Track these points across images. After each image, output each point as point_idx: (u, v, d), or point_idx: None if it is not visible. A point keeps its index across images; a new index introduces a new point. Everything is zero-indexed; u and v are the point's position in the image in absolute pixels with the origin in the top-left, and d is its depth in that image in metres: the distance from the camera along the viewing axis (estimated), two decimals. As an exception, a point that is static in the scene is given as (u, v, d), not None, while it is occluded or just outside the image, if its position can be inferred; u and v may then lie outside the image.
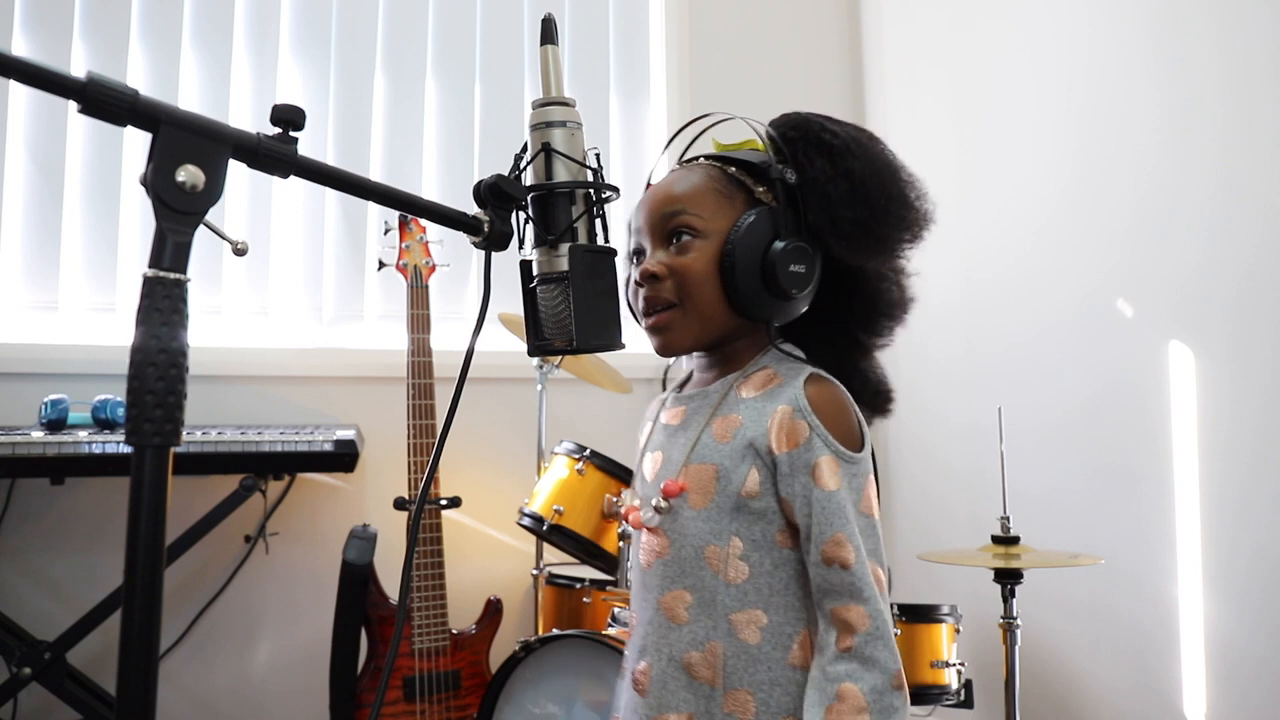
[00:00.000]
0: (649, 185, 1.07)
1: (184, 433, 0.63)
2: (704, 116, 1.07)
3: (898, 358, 1.09)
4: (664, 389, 1.13)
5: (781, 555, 0.94)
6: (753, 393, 0.97)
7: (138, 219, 2.39)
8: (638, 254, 1.03)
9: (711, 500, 0.94)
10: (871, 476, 0.95)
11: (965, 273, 2.49)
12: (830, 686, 0.87)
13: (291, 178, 0.72)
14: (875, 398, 1.03)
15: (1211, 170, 1.79)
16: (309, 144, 0.89)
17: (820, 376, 0.97)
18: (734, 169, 1.00)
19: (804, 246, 0.95)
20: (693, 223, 0.97)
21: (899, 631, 1.73)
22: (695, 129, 1.08)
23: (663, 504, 0.97)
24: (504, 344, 2.26)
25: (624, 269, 1.02)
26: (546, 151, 0.88)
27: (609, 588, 2.08)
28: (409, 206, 0.80)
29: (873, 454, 0.97)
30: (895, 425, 2.74)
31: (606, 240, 0.92)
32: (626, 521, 1.02)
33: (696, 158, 1.06)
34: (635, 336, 0.99)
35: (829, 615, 0.90)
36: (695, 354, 1.07)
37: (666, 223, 0.99)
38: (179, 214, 0.64)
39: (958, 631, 1.82)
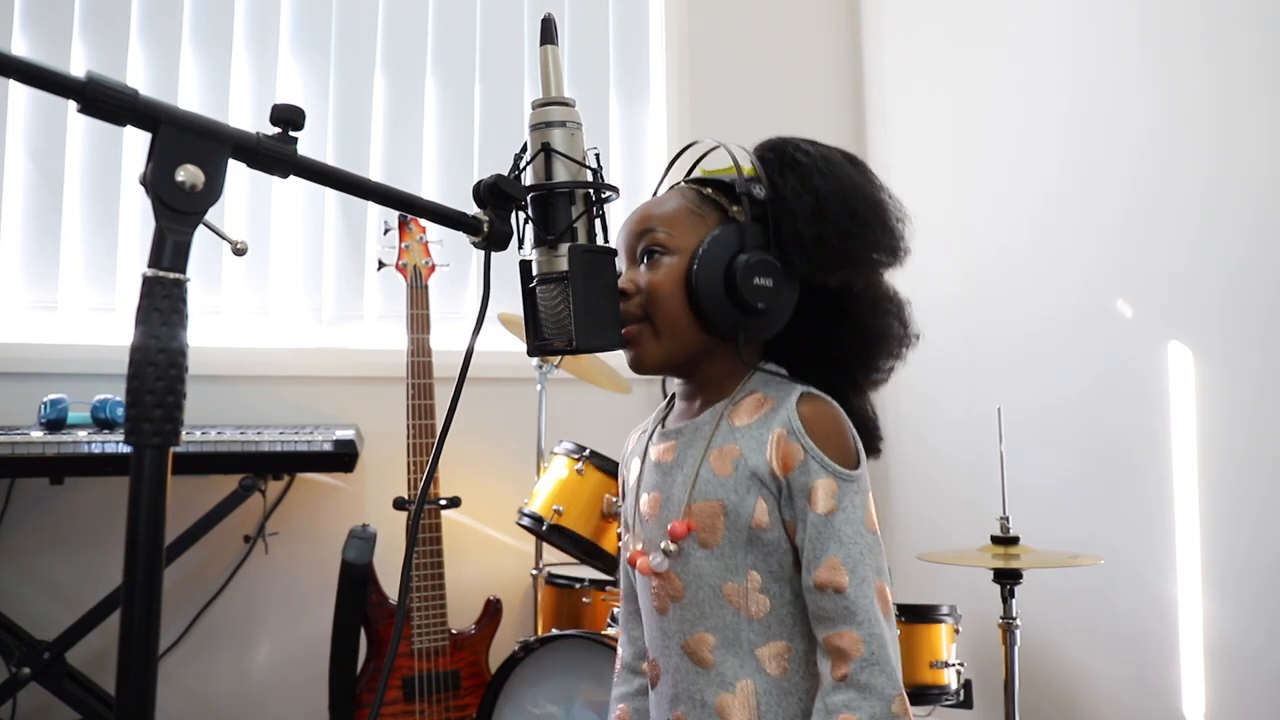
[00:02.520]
0: None
1: (184, 432, 0.63)
2: (692, 145, 1.07)
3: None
4: (664, 391, 1.13)
5: (800, 584, 0.92)
6: (746, 420, 0.95)
7: (137, 219, 2.38)
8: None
9: (722, 537, 0.92)
10: (870, 492, 0.93)
11: (964, 273, 2.49)
12: (830, 718, 0.86)
13: (291, 178, 0.72)
14: (865, 437, 1.00)
15: (1212, 171, 1.79)
16: (309, 144, 0.89)
17: (812, 394, 0.95)
18: (709, 189, 1.01)
19: (768, 260, 0.93)
20: (663, 240, 0.97)
21: (898, 632, 1.72)
22: (692, 155, 1.08)
23: (671, 547, 0.94)
24: (504, 344, 2.26)
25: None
26: (546, 151, 0.88)
27: (608, 588, 2.08)
28: (409, 206, 0.80)
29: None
30: (895, 425, 2.74)
31: (606, 240, 0.92)
32: (634, 568, 0.99)
33: (678, 183, 1.07)
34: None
35: (823, 643, 0.89)
36: (676, 381, 1.05)
37: (638, 241, 0.99)
38: (179, 214, 0.64)
39: (957, 631, 1.82)
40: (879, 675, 0.85)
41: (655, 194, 1.09)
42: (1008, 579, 1.69)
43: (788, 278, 0.95)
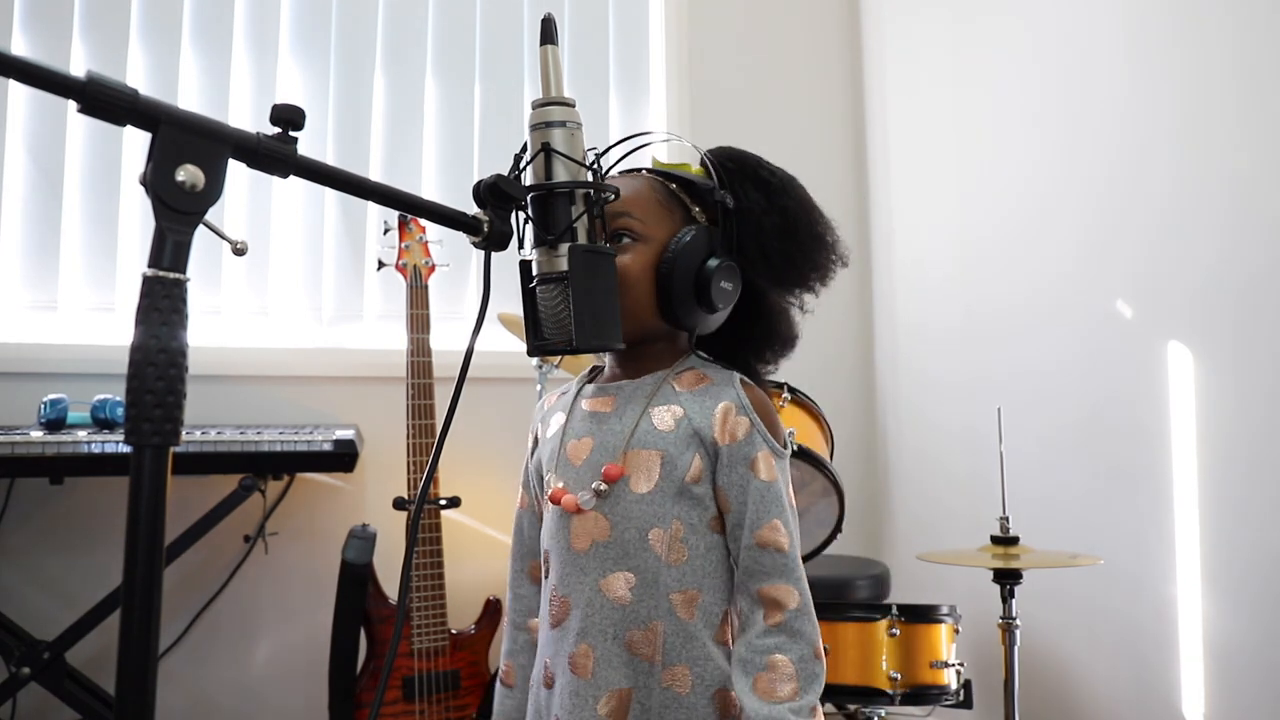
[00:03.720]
0: None
1: (183, 432, 0.63)
2: (645, 134, 1.16)
3: (898, 358, 1.10)
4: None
5: (713, 539, 1.01)
6: (687, 388, 1.03)
7: (137, 219, 2.38)
8: None
9: (656, 485, 0.99)
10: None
11: (964, 272, 2.49)
12: (759, 658, 0.95)
13: (291, 177, 0.72)
14: None
15: (1213, 173, 1.79)
16: (309, 144, 0.89)
17: (749, 382, 1.05)
18: (674, 185, 1.07)
19: (734, 267, 1.03)
20: (634, 226, 1.02)
21: (897, 632, 1.73)
22: (638, 141, 1.16)
23: (603, 488, 1.00)
24: (504, 344, 2.26)
25: None
26: (546, 151, 0.89)
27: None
28: (409, 206, 0.80)
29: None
30: (895, 425, 2.74)
31: (606, 241, 0.92)
32: (556, 505, 1.04)
33: (639, 170, 1.12)
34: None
35: (755, 595, 0.98)
36: (608, 356, 1.12)
37: (610, 223, 1.02)
38: (178, 213, 0.64)
39: (957, 632, 1.82)
40: (808, 623, 0.97)
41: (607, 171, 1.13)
42: (1007, 579, 1.69)
43: (740, 281, 1.05)
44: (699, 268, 1.00)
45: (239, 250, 0.70)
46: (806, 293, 1.08)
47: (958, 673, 1.78)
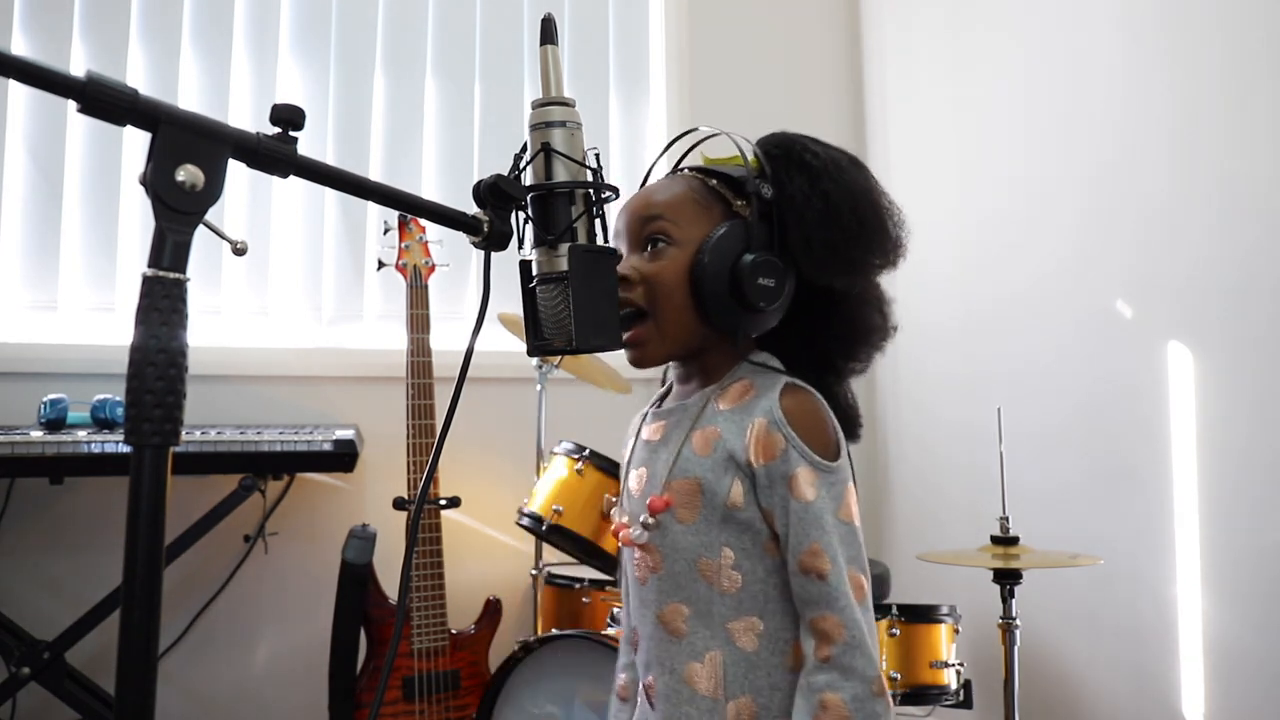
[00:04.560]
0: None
1: (183, 432, 0.63)
2: (691, 131, 1.08)
3: (898, 357, 1.09)
4: (663, 383, 1.14)
5: (773, 563, 0.95)
6: (729, 405, 0.98)
7: (137, 219, 2.38)
8: None
9: (699, 514, 0.95)
10: (851, 484, 0.96)
11: (964, 272, 2.49)
12: (814, 696, 0.89)
13: (291, 178, 0.72)
14: (845, 423, 1.02)
15: (1211, 171, 1.79)
16: (309, 144, 0.89)
17: (796, 386, 0.98)
18: (714, 181, 1.02)
19: (774, 260, 0.96)
20: (668, 230, 0.98)
21: (897, 632, 1.73)
22: (688, 141, 1.09)
23: (649, 520, 0.98)
24: (504, 344, 2.26)
25: None
26: (546, 151, 0.88)
27: (608, 588, 2.08)
28: (409, 206, 0.80)
29: (850, 458, 0.98)
30: (895, 425, 2.74)
31: (606, 240, 0.92)
32: (617, 539, 1.03)
33: (678, 169, 1.07)
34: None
35: (808, 624, 0.92)
36: (673, 365, 1.08)
37: (643, 228, 1.00)
38: (178, 213, 0.64)
39: (957, 632, 1.82)
40: (860, 658, 0.89)
41: (647, 177, 1.10)
42: (1007, 579, 1.69)
43: (788, 276, 0.98)
44: (733, 265, 0.94)
45: (239, 250, 0.70)
46: (860, 280, 1.00)
47: (958, 673, 1.78)
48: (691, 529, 0.96)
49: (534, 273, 0.90)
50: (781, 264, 0.96)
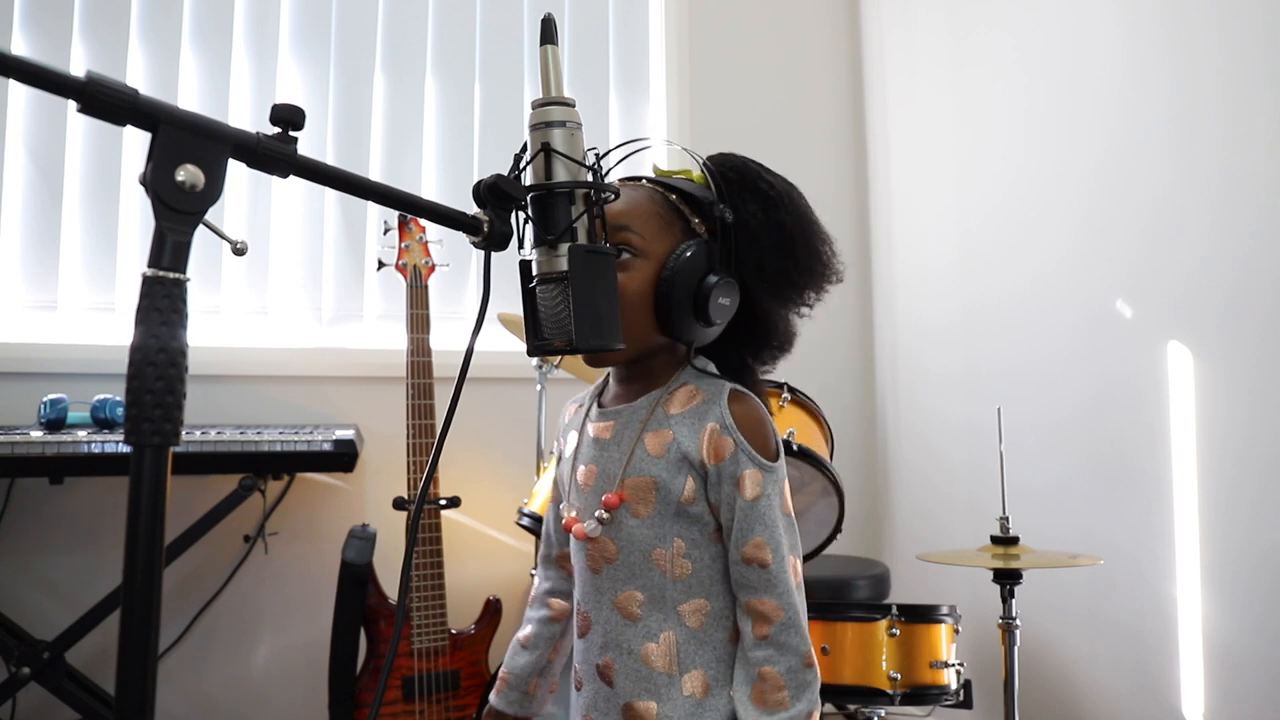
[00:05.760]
0: None
1: (183, 432, 0.63)
2: (641, 139, 1.15)
3: (898, 357, 1.10)
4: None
5: (717, 550, 1.05)
6: (679, 409, 1.05)
7: (137, 219, 2.39)
8: None
9: (653, 509, 1.03)
10: (786, 480, 1.06)
11: (964, 273, 2.49)
12: (752, 669, 1.00)
13: (291, 177, 0.72)
14: (754, 387, 1.13)
15: (1211, 171, 1.79)
16: (309, 144, 0.89)
17: (740, 393, 1.06)
18: (675, 197, 1.07)
19: (733, 282, 1.03)
20: (634, 242, 1.03)
21: (897, 632, 1.73)
22: (634, 149, 1.14)
23: (605, 516, 1.05)
24: (504, 344, 2.26)
25: None
26: (546, 151, 0.88)
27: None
28: (409, 206, 0.80)
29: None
30: (895, 425, 2.74)
31: (606, 241, 0.92)
32: (569, 533, 1.10)
33: (640, 178, 1.11)
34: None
35: (744, 607, 1.02)
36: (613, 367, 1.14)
37: (610, 236, 1.01)
38: (178, 213, 0.64)
39: (957, 632, 1.82)
40: (794, 636, 1.00)
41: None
42: (1007, 579, 1.69)
43: (738, 294, 1.06)
44: (698, 284, 1.02)
45: (239, 250, 0.70)
46: (803, 305, 1.10)
47: (958, 673, 1.78)
48: (645, 522, 1.04)
49: (534, 273, 0.90)
50: (736, 285, 1.04)
